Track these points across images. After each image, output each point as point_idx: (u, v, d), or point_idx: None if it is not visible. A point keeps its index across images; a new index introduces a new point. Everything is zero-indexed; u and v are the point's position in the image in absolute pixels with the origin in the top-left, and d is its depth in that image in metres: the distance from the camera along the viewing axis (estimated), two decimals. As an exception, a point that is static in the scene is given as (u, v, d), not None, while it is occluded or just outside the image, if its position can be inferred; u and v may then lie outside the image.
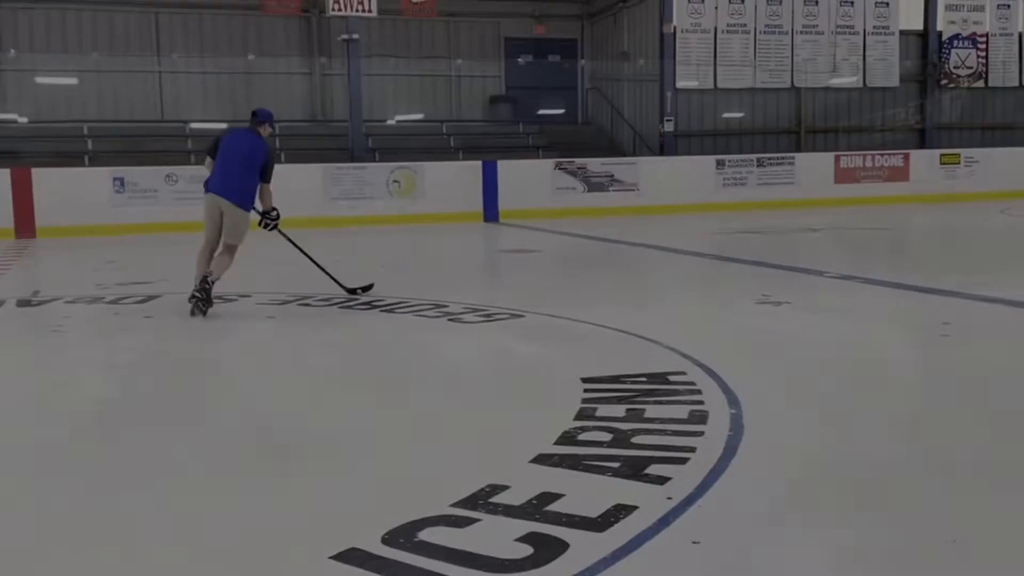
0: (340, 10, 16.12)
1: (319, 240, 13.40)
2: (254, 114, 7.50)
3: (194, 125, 19.76)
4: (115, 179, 15.00)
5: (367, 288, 7.69)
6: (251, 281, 8.98)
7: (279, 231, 7.60)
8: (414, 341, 5.84)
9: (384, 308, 6.91)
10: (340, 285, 7.67)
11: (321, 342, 5.83)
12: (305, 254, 7.96)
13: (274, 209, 7.44)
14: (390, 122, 21.10)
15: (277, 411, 4.30)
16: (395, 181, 15.89)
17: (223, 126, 19.91)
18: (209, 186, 7.30)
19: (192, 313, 6.69)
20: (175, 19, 20.14)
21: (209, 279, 6.85)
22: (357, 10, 16.16)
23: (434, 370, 5.07)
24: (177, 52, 20.17)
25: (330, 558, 2.55)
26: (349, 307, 7.02)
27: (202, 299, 6.72)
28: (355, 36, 16.68)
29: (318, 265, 7.90)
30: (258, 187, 7.27)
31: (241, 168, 7.16)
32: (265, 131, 7.50)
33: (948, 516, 2.82)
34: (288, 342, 5.95)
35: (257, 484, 3.25)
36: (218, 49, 20.31)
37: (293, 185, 15.36)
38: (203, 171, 7.53)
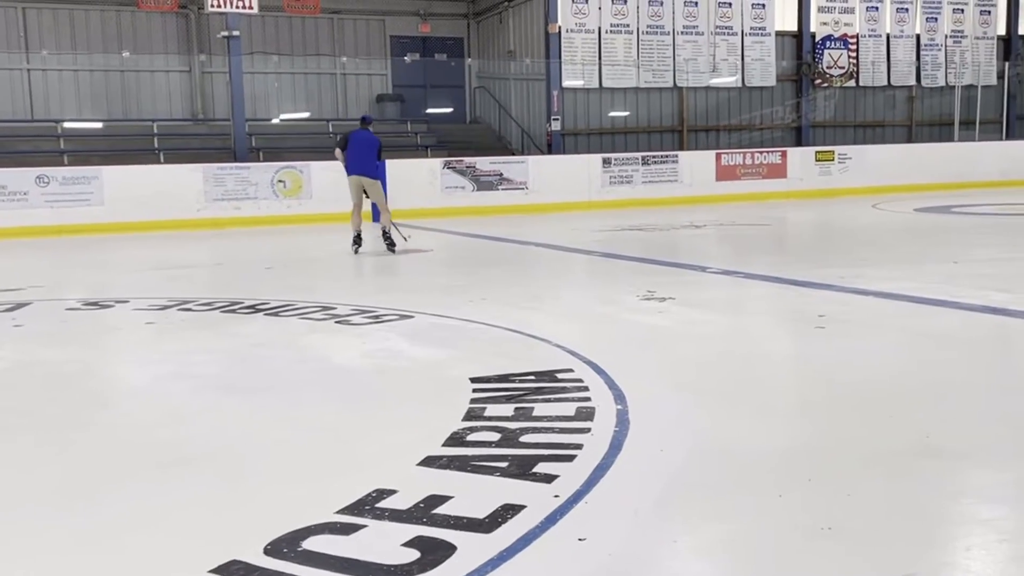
0: (219, 6, 15.71)
1: (200, 242, 13.10)
2: (363, 119, 11.47)
3: (67, 124, 19.00)
4: (-19, 181, 14.28)
5: (392, 246, 10.77)
6: (129, 286, 8.69)
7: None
8: (299, 345, 5.72)
9: (269, 312, 6.76)
10: (388, 241, 10.84)
11: (202, 348, 5.66)
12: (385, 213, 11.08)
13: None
14: (275, 121, 20.70)
15: (154, 421, 4.15)
16: (280, 181, 15.59)
17: (98, 125, 19.28)
18: (351, 170, 10.98)
19: (389, 249, 10.74)
20: (44, 14, 19.32)
21: (386, 231, 10.93)
22: (237, 6, 15.78)
23: (320, 374, 4.98)
24: (47, 49, 19.33)
25: (210, 572, 2.47)
26: (232, 311, 6.84)
27: (390, 244, 10.81)
28: (236, 33, 16.28)
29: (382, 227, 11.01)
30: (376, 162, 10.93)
31: (368, 154, 10.89)
32: (372, 128, 11.32)
33: (825, 503, 2.91)
34: (167, 348, 5.75)
35: (132, 497, 3.13)
36: (91, 46, 19.57)
37: (171, 186, 14.99)
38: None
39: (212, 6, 15.72)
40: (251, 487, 3.22)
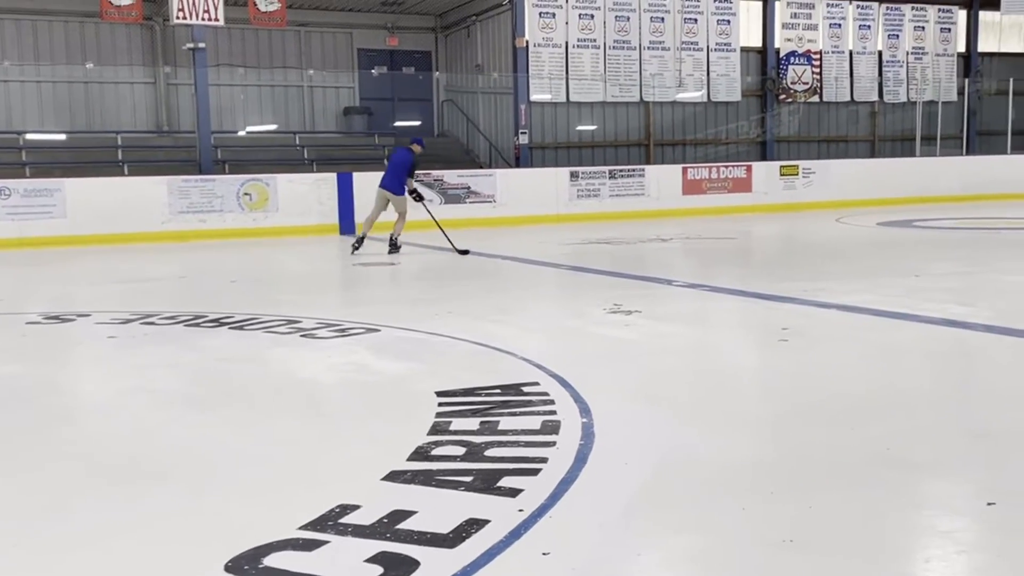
0: (185, 18, 15.61)
1: (165, 256, 12.98)
2: (412, 139, 12.91)
3: (29, 136, 18.77)
4: (-60, 193, 14.07)
5: (464, 252, 11.61)
6: (91, 299, 8.59)
7: (423, 204, 12.47)
8: (264, 359, 5.68)
9: (234, 325, 6.71)
10: (453, 247, 11.76)
11: (165, 363, 5.60)
12: (433, 219, 12.43)
13: (415, 190, 12.40)
14: (241, 133, 20.58)
15: (115, 436, 4.10)
16: (246, 194, 15.49)
17: (61, 137, 19.07)
18: (381, 183, 12.40)
19: (390, 252, 11.93)
20: (5, 24, 19.11)
21: (394, 238, 12.14)
22: (203, 18, 15.69)
23: (285, 388, 4.95)
24: (9, 59, 19.11)
25: (169, 590, 2.44)
26: (196, 325, 6.78)
27: (393, 248, 12.07)
28: (201, 45, 16.18)
29: (441, 229, 12.26)
30: (406, 180, 12.21)
31: (399, 172, 12.25)
32: (416, 149, 12.53)
33: (787, 516, 2.93)
34: (130, 363, 5.68)
35: (92, 513, 3.08)
36: (54, 57, 19.37)
37: (135, 198, 14.85)
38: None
39: (177, 18, 15.63)
40: (212, 503, 3.19)
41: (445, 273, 10.57)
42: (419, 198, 12.44)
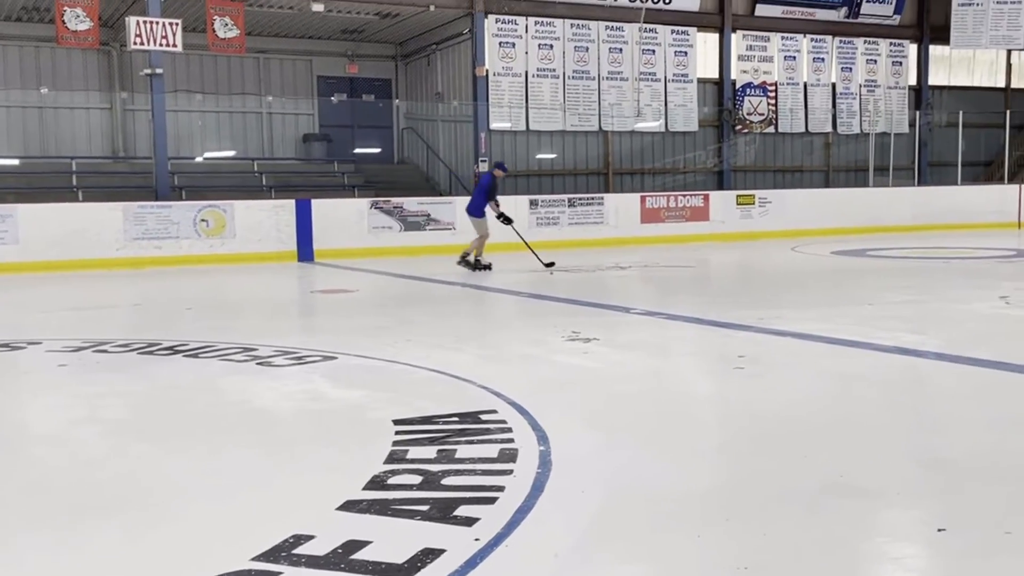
0: (143, 44, 15.50)
1: (119, 283, 12.80)
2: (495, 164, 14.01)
3: (-18, 160, 18.50)
4: None
5: (550, 265, 12.62)
6: (42, 327, 8.44)
7: (512, 227, 13.27)
8: (218, 387, 5.62)
9: (188, 353, 6.63)
10: (539, 260, 12.80)
11: (117, 391, 5.51)
12: (521, 239, 13.27)
13: (502, 214, 13.25)
14: (198, 159, 20.43)
15: (64, 467, 4.02)
16: (203, 220, 15.36)
17: (15, 162, 18.81)
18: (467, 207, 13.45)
19: (475, 270, 12.90)
20: (-42, 48, 18.87)
21: (468, 256, 13.06)
22: (161, 44, 15.59)
23: (240, 417, 4.89)
24: (-39, 84, 18.88)
25: (117, 624, 2.39)
26: (150, 352, 6.69)
27: (470, 266, 12.96)
28: (159, 71, 16.07)
29: (530, 248, 13.18)
30: (487, 203, 13.07)
31: (478, 196, 13.19)
32: (497, 173, 13.39)
33: (742, 543, 2.94)
34: (80, 392, 5.59)
35: (41, 545, 3.01)
36: (8, 81, 19.13)
37: (90, 224, 14.66)
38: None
39: (135, 44, 15.51)
40: (164, 534, 3.13)
41: (404, 300, 10.54)
42: (506, 221, 13.15)
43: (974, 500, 3.34)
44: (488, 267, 13.03)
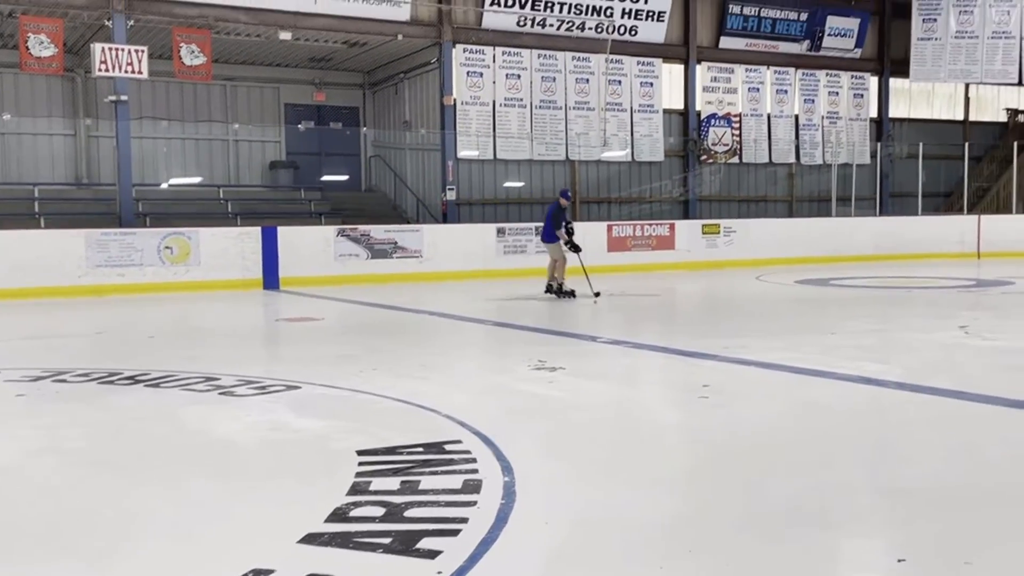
0: (108, 71, 15.40)
1: (80, 311, 12.64)
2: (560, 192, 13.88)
3: (-59, 186, 18.23)
4: None
5: (597, 295, 12.57)
6: (0, 355, 8.30)
7: (578, 256, 13.05)
8: (179, 417, 5.54)
9: (149, 383, 6.54)
10: (590, 287, 12.70)
11: (75, 421, 5.43)
12: (581, 266, 13.03)
13: (570, 240, 13.03)
14: (163, 186, 20.27)
15: (21, 499, 3.95)
16: (167, 247, 15.22)
17: (-26, 188, 18.54)
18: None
19: (551, 294, 13.01)
20: (-82, 73, 18.64)
21: (552, 285, 13.06)
22: (126, 71, 15.50)
23: (200, 448, 4.83)
24: (-79, 109, 18.64)
25: (70, 662, 2.34)
26: (110, 382, 6.60)
27: (556, 293, 12.99)
28: (124, 98, 15.97)
29: (586, 275, 12.97)
30: (555, 230, 13.06)
31: (546, 223, 13.37)
32: (562, 202, 13.36)
33: (705, 573, 2.94)
34: (38, 422, 5.49)
35: (-10, 584, 2.95)
36: (-32, 107, 18.93)
37: (51, 251, 14.47)
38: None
39: (100, 71, 15.40)
40: (123, 568, 3.08)
41: (370, 329, 10.49)
42: (574, 248, 13.00)
43: (934, 530, 3.36)
44: (571, 294, 12.89)
